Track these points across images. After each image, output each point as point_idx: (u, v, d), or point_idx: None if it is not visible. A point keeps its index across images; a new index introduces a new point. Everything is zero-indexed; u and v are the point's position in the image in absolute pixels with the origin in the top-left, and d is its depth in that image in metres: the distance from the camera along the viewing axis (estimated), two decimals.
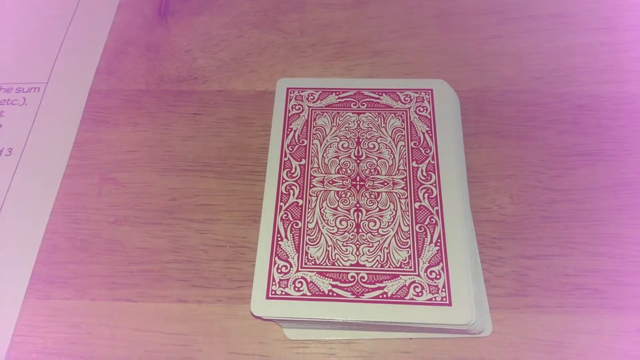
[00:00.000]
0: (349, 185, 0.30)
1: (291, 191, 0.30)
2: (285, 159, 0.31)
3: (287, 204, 0.30)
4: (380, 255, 0.28)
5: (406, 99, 0.33)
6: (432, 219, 0.29)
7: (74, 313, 0.29)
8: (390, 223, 0.29)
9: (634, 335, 0.28)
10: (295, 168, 0.31)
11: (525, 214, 0.31)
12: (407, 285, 0.27)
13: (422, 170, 0.31)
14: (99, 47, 0.39)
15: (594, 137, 0.34)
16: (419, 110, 0.33)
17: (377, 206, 0.30)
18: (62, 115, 0.36)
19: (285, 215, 0.29)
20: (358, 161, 0.31)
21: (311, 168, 0.31)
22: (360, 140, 0.32)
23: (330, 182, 0.31)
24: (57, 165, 0.34)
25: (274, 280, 0.27)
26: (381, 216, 0.29)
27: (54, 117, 0.36)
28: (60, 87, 0.38)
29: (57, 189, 0.33)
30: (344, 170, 0.31)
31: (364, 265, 0.28)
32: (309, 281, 0.27)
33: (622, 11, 0.40)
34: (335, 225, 0.29)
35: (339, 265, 0.28)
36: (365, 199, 0.30)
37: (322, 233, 0.29)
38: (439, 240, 0.28)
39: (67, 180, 0.33)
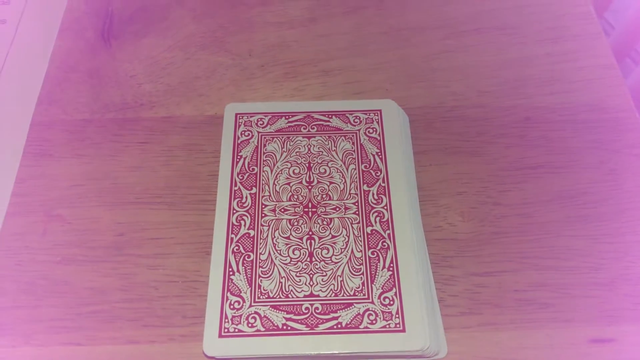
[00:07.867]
0: (301, 213, 0.30)
1: (242, 222, 0.30)
2: (236, 188, 0.31)
3: (239, 236, 0.29)
4: (334, 284, 0.28)
5: (356, 120, 0.33)
6: (384, 243, 0.29)
7: None
8: (343, 250, 0.29)
9: (585, 347, 0.28)
10: (246, 197, 0.31)
11: (477, 230, 0.32)
12: (361, 313, 0.27)
13: (373, 194, 0.31)
14: (39, 76, 0.38)
15: (541, 150, 0.34)
16: (369, 132, 0.33)
17: (330, 233, 0.29)
18: (2, 150, 0.35)
19: (237, 247, 0.29)
20: (310, 187, 0.31)
21: (262, 196, 0.31)
22: (312, 165, 0.32)
23: (282, 210, 0.30)
24: None
25: (226, 317, 0.27)
26: (334, 243, 0.29)
27: None
28: None
29: (0, 229, 0.32)
30: (295, 197, 0.31)
31: (318, 295, 0.28)
32: (262, 316, 0.27)
33: (566, 21, 0.40)
34: (288, 255, 0.29)
35: (292, 297, 0.27)
36: (318, 225, 0.30)
37: (275, 264, 0.28)
38: (391, 265, 0.28)
39: (9, 220, 0.32)
